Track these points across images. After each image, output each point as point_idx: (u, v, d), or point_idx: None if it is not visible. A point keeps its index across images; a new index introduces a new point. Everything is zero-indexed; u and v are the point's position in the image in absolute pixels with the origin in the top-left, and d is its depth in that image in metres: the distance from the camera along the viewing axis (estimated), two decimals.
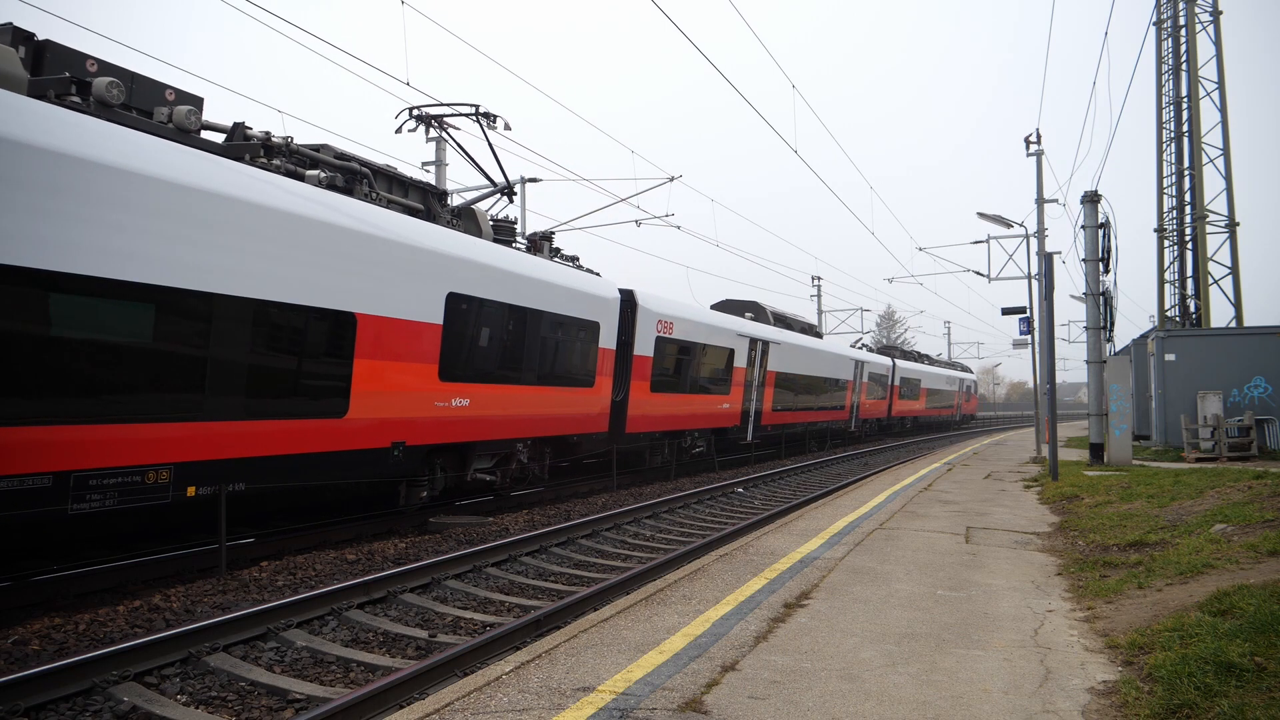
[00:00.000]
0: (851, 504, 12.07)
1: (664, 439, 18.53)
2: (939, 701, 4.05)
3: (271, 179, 8.71)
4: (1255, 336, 21.04)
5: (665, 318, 17.05)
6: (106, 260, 6.88)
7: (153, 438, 7.39)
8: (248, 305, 8.14)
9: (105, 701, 5.10)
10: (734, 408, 21.26)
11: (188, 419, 7.70)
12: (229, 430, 8.08)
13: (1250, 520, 8.22)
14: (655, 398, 17.01)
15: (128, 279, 7.03)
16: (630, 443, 16.73)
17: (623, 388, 15.94)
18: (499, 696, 4.06)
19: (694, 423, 19.38)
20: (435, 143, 18.63)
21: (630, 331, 15.96)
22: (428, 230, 10.83)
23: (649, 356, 16.59)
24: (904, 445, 36.09)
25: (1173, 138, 27.07)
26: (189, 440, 7.72)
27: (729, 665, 4.54)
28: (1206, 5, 26.32)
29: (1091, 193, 18.02)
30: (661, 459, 18.77)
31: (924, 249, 31.21)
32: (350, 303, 9.30)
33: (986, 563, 7.65)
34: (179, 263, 7.43)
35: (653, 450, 18.45)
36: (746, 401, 21.89)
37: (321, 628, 6.74)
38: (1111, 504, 11.12)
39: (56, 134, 6.61)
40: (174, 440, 7.58)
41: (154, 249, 7.22)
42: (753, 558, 7.72)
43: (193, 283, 7.59)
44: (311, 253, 8.81)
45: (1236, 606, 5.07)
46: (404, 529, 11.28)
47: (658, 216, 20.57)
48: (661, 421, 17.65)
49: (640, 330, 16.18)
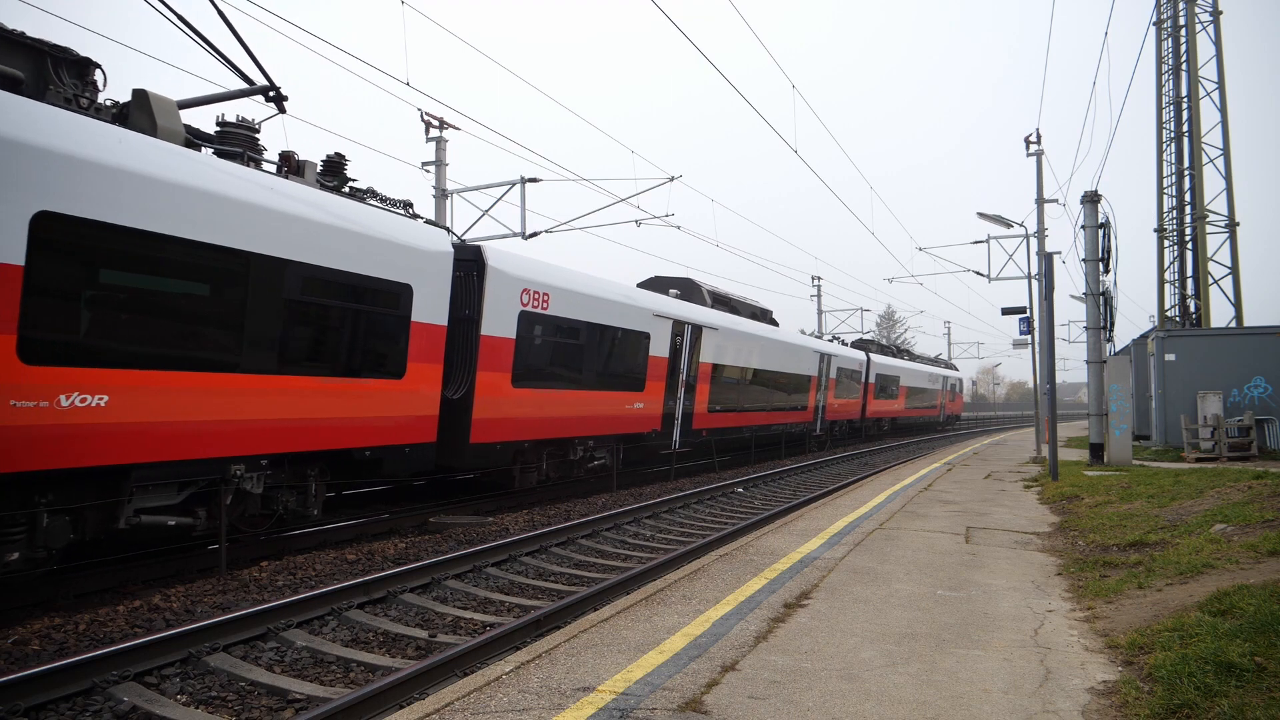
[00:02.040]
0: (851, 504, 12.07)
1: (538, 449, 13.95)
2: (939, 701, 4.05)
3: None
4: (1255, 336, 21.06)
5: (535, 286, 12.91)
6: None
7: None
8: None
9: (105, 701, 5.10)
10: (651, 408, 16.95)
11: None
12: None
13: (1250, 520, 8.23)
14: (520, 395, 12.83)
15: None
16: (480, 456, 12.26)
17: (463, 380, 11.86)
18: (499, 696, 4.06)
19: (589, 428, 14.97)
20: (435, 143, 18.63)
21: (475, 303, 11.88)
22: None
23: (508, 338, 12.43)
24: (904, 445, 36.06)
25: (1173, 138, 27.08)
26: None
27: (729, 665, 4.54)
28: (1206, 5, 26.34)
29: (1091, 193, 18.03)
30: (539, 476, 14.13)
31: (924, 249, 31.21)
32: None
33: (986, 563, 7.65)
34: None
35: (524, 465, 13.72)
36: (670, 400, 17.72)
37: (321, 628, 6.74)
38: (1111, 504, 11.13)
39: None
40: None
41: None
42: (753, 558, 7.71)
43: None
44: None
45: (1236, 606, 5.07)
46: (404, 529, 11.28)
47: (658, 217, 20.54)
48: (532, 427, 13.29)
49: (492, 302, 12.04)
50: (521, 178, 18.82)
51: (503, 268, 12.27)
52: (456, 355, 11.80)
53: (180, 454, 7.80)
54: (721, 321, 20.09)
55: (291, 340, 8.88)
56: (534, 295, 12.94)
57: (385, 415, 10.16)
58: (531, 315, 12.96)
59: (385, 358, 10.19)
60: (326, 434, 9.36)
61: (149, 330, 7.49)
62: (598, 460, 15.80)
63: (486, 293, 11.98)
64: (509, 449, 12.96)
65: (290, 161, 9.56)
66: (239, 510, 8.82)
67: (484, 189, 19.36)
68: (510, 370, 12.57)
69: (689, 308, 18.72)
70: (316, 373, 9.22)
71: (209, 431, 8.01)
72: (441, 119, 18.13)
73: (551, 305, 13.36)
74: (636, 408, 16.42)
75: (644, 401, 16.62)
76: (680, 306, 18.21)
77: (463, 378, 11.93)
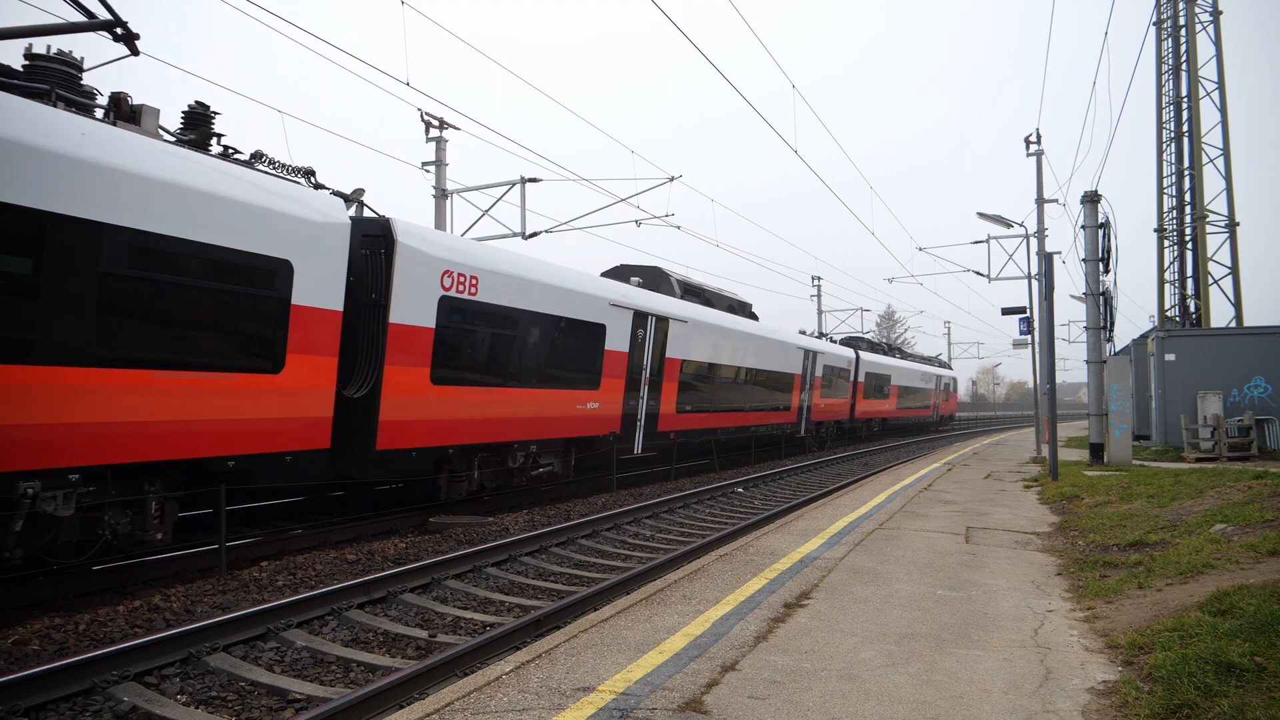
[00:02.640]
0: (851, 504, 12.08)
1: (468, 455, 12.16)
2: (939, 701, 4.05)
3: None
4: (1255, 336, 21.07)
5: (461, 269, 11.25)
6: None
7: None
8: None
9: (105, 701, 5.11)
10: (608, 408, 15.29)
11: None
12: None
13: (1250, 520, 8.23)
14: (443, 393, 11.20)
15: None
16: (391, 464, 10.56)
17: (367, 376, 10.16)
18: (499, 696, 4.06)
19: (531, 430, 13.27)
20: (435, 143, 18.63)
21: (383, 286, 10.22)
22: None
23: (425, 328, 10.78)
24: (903, 445, 36.06)
25: (1173, 138, 27.09)
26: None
27: (729, 665, 4.54)
28: (1206, 5, 26.35)
29: (1091, 193, 18.03)
30: (469, 487, 12.31)
31: (924, 249, 31.22)
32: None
33: (986, 563, 7.65)
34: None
35: (453, 474, 12.01)
36: (630, 400, 16.04)
37: (321, 628, 6.74)
38: (1111, 504, 11.13)
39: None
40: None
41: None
42: (753, 558, 7.71)
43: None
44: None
45: (1236, 606, 5.08)
46: (404, 529, 11.29)
47: (658, 216, 20.53)
48: (458, 429, 11.61)
49: (405, 285, 10.37)
50: (521, 178, 18.83)
51: (418, 245, 10.59)
52: (360, 347, 10.19)
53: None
54: (692, 314, 18.55)
55: (111, 324, 7.16)
56: (459, 279, 11.23)
57: (255, 418, 8.50)
58: (456, 301, 11.23)
59: (253, 348, 8.52)
60: (166, 441, 7.65)
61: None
62: (544, 467, 14.03)
63: (397, 273, 10.23)
64: (429, 455, 11.20)
65: (122, 106, 7.99)
66: (48, 538, 7.04)
67: (484, 189, 19.36)
68: (429, 365, 10.90)
69: (654, 298, 17.13)
70: (148, 365, 7.48)
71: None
72: (441, 119, 18.13)
73: (482, 290, 11.65)
74: (590, 408, 14.73)
75: (599, 401, 14.96)
76: (643, 296, 16.58)
77: (367, 373, 10.18)
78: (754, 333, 22.23)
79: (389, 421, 10.34)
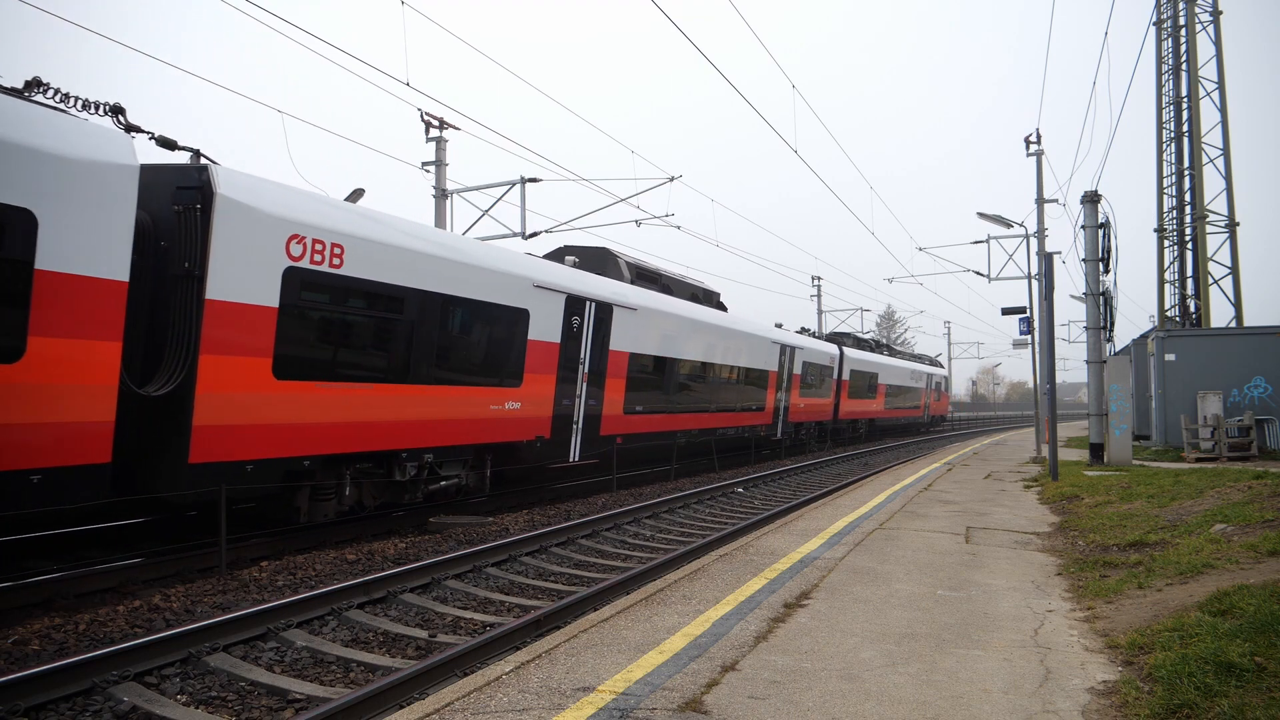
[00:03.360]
0: (851, 504, 12.08)
1: (334, 467, 9.92)
2: (939, 701, 4.05)
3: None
4: (1255, 336, 21.07)
5: (318, 233, 9.05)
6: None
7: None
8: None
9: (105, 701, 5.11)
10: (533, 409, 13.04)
11: None
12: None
13: (1250, 520, 8.23)
14: (293, 391, 8.97)
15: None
16: (212, 479, 8.28)
17: (176, 369, 7.99)
18: (499, 696, 4.06)
19: (425, 436, 10.91)
20: (435, 143, 18.63)
21: (197, 252, 8.02)
22: None
23: (264, 307, 8.59)
24: (903, 445, 36.06)
25: (1173, 138, 27.09)
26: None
27: (729, 665, 4.54)
28: (1206, 5, 26.35)
29: (1091, 193, 18.03)
30: (339, 505, 10.10)
31: (924, 249, 31.24)
32: None
33: (986, 563, 7.65)
34: None
35: (318, 491, 9.86)
36: (564, 399, 13.87)
37: (321, 628, 6.74)
38: (1111, 504, 11.13)
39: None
40: None
41: None
42: (753, 558, 7.71)
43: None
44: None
45: (1236, 606, 5.08)
46: (404, 529, 11.29)
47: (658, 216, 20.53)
48: (318, 436, 9.33)
49: (228, 250, 8.20)
50: (521, 178, 18.83)
51: (249, 201, 8.36)
52: (169, 331, 8.08)
53: None
54: (643, 300, 16.30)
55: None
56: (316, 247, 9.03)
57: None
58: (311, 275, 9.02)
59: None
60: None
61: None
62: (448, 480, 11.69)
63: (216, 236, 8.06)
64: (275, 468, 8.93)
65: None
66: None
67: (484, 189, 19.36)
68: (271, 354, 8.67)
69: (593, 281, 14.90)
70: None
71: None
72: (441, 119, 18.14)
73: (350, 262, 9.44)
74: (509, 409, 12.46)
75: (522, 400, 12.70)
76: (578, 278, 14.40)
77: (176, 365, 7.98)
78: (721, 324, 20.31)
79: (208, 426, 8.17)
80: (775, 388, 24.10)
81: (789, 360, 24.87)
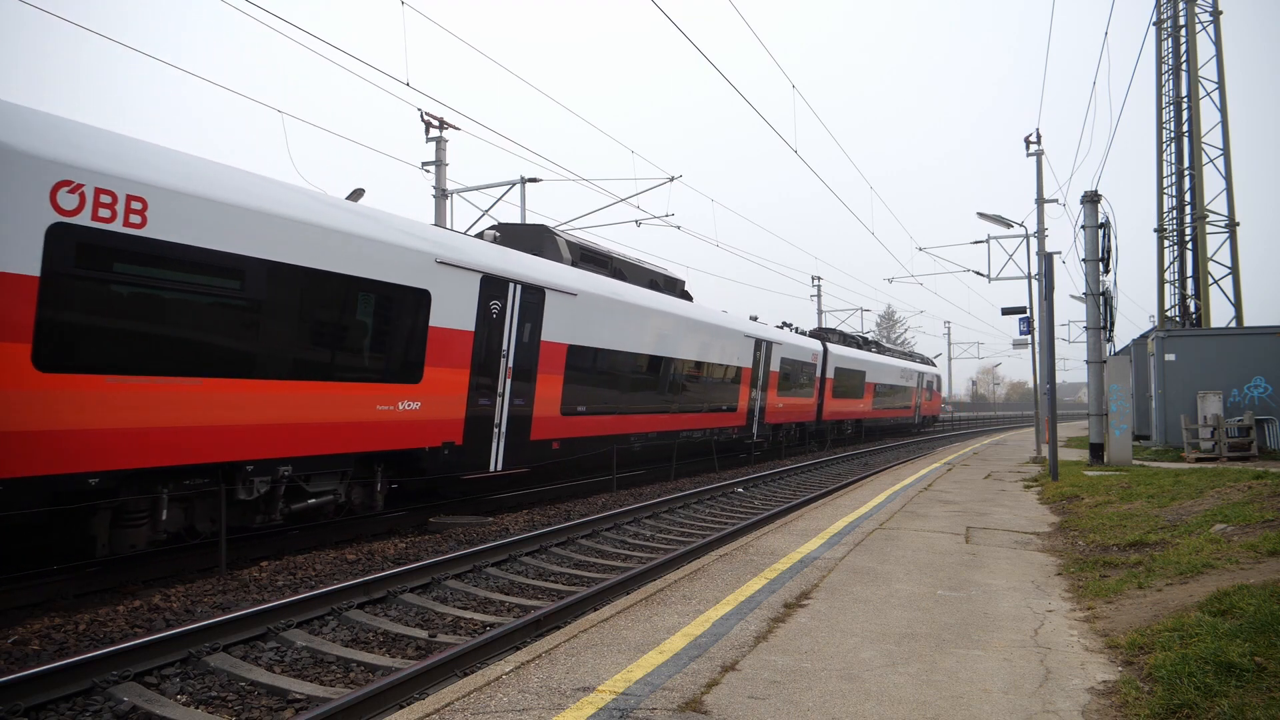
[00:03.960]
0: (851, 504, 12.08)
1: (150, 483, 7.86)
2: (939, 701, 4.05)
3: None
4: (1255, 336, 21.08)
5: (105, 181, 7.02)
6: None
7: None
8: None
9: (105, 701, 5.11)
10: (439, 409, 10.94)
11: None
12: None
13: (1250, 520, 8.23)
14: (69, 389, 6.93)
15: None
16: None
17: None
18: (499, 696, 4.06)
19: (285, 444, 8.85)
20: (435, 143, 18.63)
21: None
22: None
23: (19, 275, 6.57)
24: (903, 445, 36.05)
25: (1173, 138, 27.09)
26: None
27: (729, 665, 4.54)
28: (1206, 5, 26.35)
29: (1091, 193, 18.03)
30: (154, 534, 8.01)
31: (924, 249, 31.22)
32: None
33: (986, 563, 7.65)
34: None
35: (122, 512, 7.75)
36: (479, 398, 11.68)
37: (321, 628, 6.75)
38: (1111, 504, 11.13)
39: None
40: None
41: None
42: (753, 558, 7.71)
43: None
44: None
45: (1236, 606, 5.08)
46: (404, 529, 11.29)
47: (657, 216, 20.54)
48: (114, 446, 7.26)
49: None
50: (521, 178, 18.84)
51: (26, 145, 6.55)
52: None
53: None
54: (584, 285, 14.16)
55: None
56: (101, 199, 7.00)
57: None
58: (94, 235, 7.00)
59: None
60: None
61: None
62: (319, 497, 9.64)
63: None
64: (44, 488, 6.86)
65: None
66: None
67: (484, 189, 19.38)
68: (30, 340, 6.63)
69: (522, 260, 12.75)
70: None
71: None
72: (441, 119, 18.14)
73: (155, 221, 7.40)
74: (404, 409, 10.35)
75: (422, 399, 10.60)
76: (501, 255, 12.23)
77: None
78: (684, 314, 17.95)
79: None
80: (750, 386, 22.06)
81: (765, 356, 22.88)
